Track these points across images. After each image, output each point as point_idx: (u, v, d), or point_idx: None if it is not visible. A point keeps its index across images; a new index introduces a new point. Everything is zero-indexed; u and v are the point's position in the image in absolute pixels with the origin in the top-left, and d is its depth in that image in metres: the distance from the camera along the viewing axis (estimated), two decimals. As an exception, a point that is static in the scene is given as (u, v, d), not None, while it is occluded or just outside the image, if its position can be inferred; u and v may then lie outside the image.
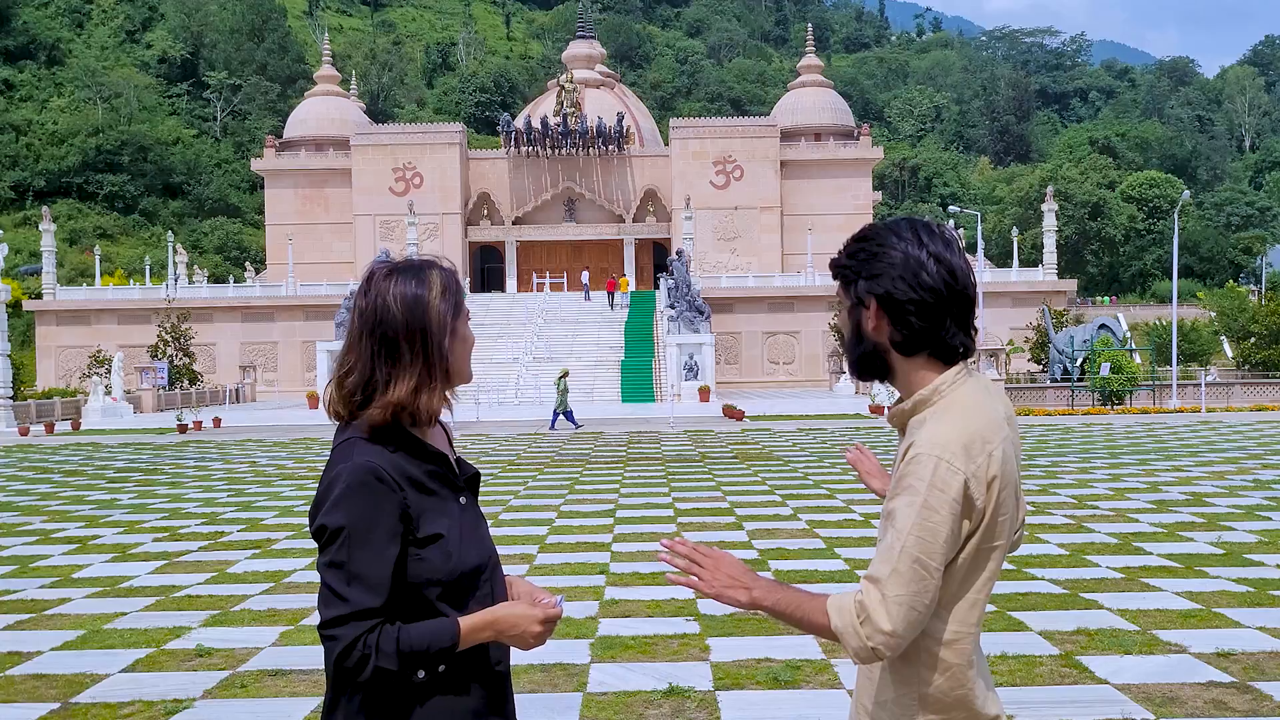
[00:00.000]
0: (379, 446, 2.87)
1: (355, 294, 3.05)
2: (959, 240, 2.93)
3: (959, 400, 2.78)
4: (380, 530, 2.79)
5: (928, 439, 2.72)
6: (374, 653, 2.73)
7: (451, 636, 2.81)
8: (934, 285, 2.75)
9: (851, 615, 2.68)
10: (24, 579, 12.82)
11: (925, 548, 2.66)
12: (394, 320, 2.91)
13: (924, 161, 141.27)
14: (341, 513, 2.79)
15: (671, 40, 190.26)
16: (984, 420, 2.76)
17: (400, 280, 2.94)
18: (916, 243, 2.79)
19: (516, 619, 2.89)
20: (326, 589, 2.79)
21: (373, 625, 2.75)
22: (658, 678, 8.21)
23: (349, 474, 2.82)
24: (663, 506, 17.83)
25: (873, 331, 2.85)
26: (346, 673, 2.77)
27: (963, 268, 2.80)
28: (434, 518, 2.88)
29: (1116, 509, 16.98)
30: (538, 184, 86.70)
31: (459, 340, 2.99)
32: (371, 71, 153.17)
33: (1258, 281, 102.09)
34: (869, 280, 2.82)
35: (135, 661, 9.01)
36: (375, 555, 2.78)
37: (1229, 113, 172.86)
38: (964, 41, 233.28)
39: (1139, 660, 8.53)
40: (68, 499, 20.60)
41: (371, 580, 2.76)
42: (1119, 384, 44.10)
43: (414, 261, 3.03)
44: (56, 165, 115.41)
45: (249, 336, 72.27)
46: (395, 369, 2.90)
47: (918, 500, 2.67)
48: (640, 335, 63.36)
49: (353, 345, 2.94)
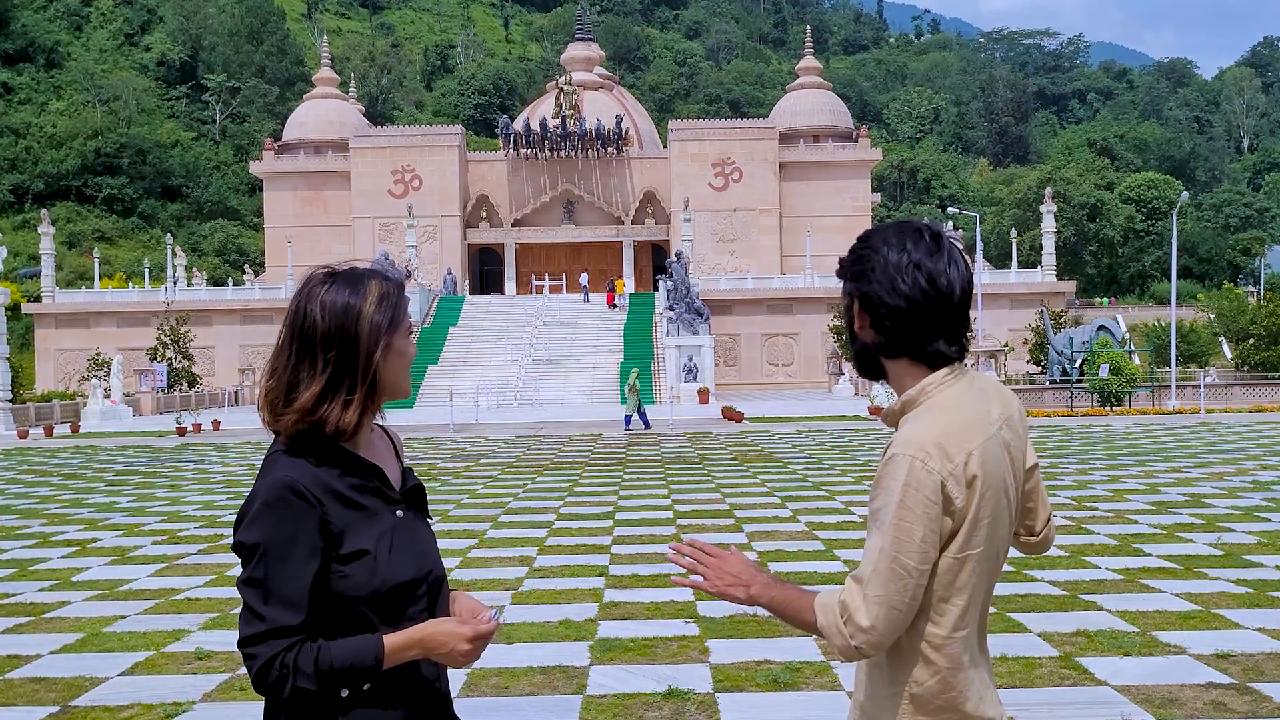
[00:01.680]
0: (301, 460, 2.81)
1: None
2: (956, 246, 2.91)
3: (941, 401, 2.79)
4: (297, 547, 2.73)
5: (904, 439, 2.74)
6: (291, 672, 2.69)
7: (375, 655, 2.75)
8: (909, 294, 2.76)
9: (835, 614, 2.71)
10: (23, 582, 12.82)
11: (902, 547, 2.67)
12: (315, 327, 2.84)
13: (923, 163, 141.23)
14: (258, 529, 2.74)
15: (670, 42, 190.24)
16: (965, 420, 2.76)
17: (334, 288, 2.87)
18: (900, 248, 2.79)
19: (445, 637, 2.81)
20: (245, 607, 2.75)
21: (291, 644, 2.70)
22: (657, 680, 8.20)
23: (265, 490, 2.77)
24: (662, 509, 17.82)
25: (859, 331, 2.89)
26: (267, 691, 2.73)
27: (951, 275, 2.79)
28: (359, 533, 2.81)
29: (1116, 510, 16.98)
30: (536, 186, 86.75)
31: (394, 354, 2.89)
32: (370, 74, 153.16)
33: (1256, 283, 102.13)
34: (855, 281, 2.86)
35: (135, 664, 9.01)
36: (292, 572, 2.72)
37: (1227, 114, 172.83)
38: (962, 43, 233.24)
39: (1138, 662, 8.53)
40: (67, 502, 20.60)
41: (288, 597, 2.71)
42: (1118, 385, 44.11)
43: (357, 270, 2.94)
44: (55, 168, 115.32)
45: (248, 339, 72.23)
46: (310, 376, 2.84)
47: (894, 500, 2.68)
48: (639, 337, 63.35)
49: (280, 350, 2.89)
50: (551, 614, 10.39)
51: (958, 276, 2.81)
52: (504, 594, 11.36)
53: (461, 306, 69.12)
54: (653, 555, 13.44)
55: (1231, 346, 67.71)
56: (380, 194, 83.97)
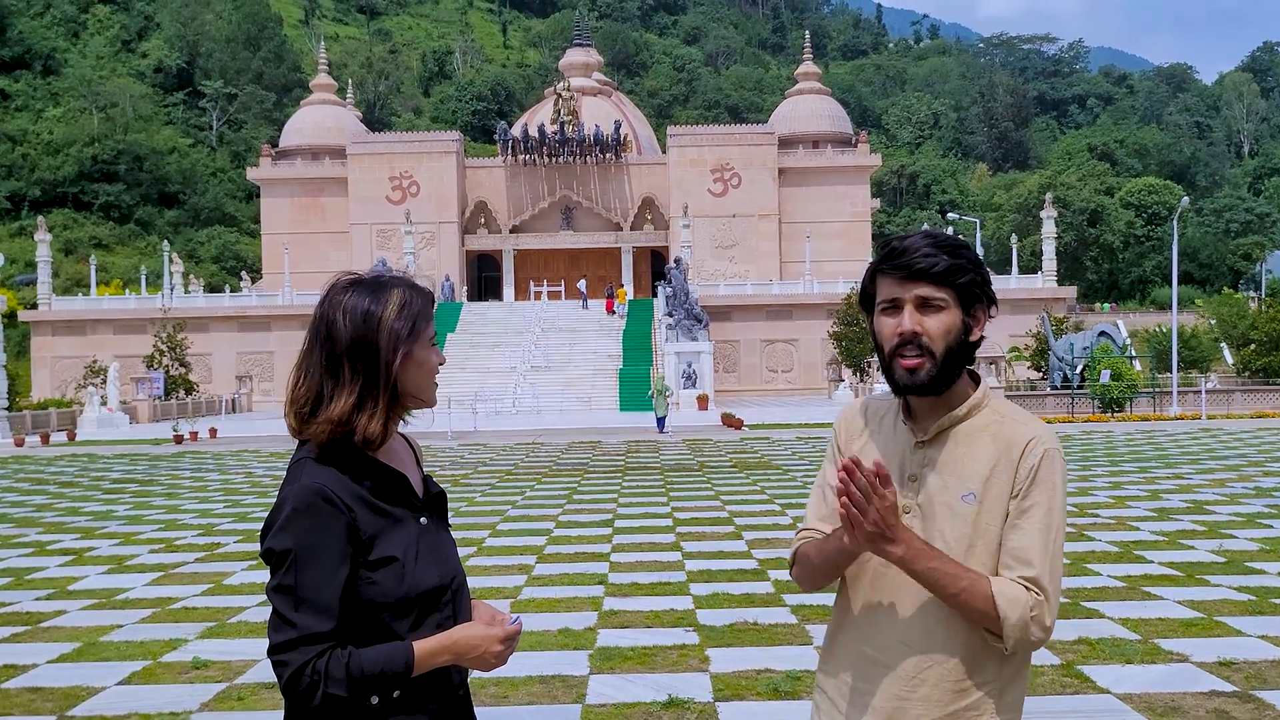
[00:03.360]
0: (328, 467, 2.82)
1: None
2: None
3: (1002, 402, 3.02)
4: (328, 553, 2.74)
5: (1040, 433, 2.89)
6: (324, 679, 2.68)
7: (405, 662, 2.75)
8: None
9: (1025, 609, 2.73)
10: (20, 591, 12.76)
11: (1061, 541, 2.86)
12: (340, 334, 2.84)
13: (922, 168, 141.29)
14: (288, 536, 2.74)
15: (669, 48, 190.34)
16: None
17: (356, 294, 2.88)
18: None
19: (476, 640, 2.84)
20: (275, 613, 2.75)
21: (322, 650, 2.70)
22: (657, 689, 8.15)
23: (295, 496, 2.78)
24: (661, 516, 17.77)
25: (977, 333, 3.02)
26: (298, 699, 2.72)
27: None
28: (388, 539, 2.83)
29: (1117, 517, 16.94)
30: (535, 192, 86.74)
31: (413, 363, 2.90)
32: (368, 80, 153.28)
33: (1257, 288, 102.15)
34: (985, 286, 3.00)
35: (131, 674, 8.96)
36: (323, 579, 2.73)
37: (1227, 119, 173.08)
38: (961, 48, 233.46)
39: (1141, 669, 8.49)
40: (63, 510, 20.54)
41: (320, 604, 2.72)
42: (1119, 391, 44.06)
43: (381, 277, 2.95)
44: (52, 175, 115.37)
45: (245, 346, 72.15)
46: (337, 385, 2.84)
47: (1060, 497, 2.85)
48: (638, 344, 63.30)
49: (305, 356, 2.90)
50: (550, 622, 10.34)
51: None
52: (503, 602, 11.30)
53: (460, 313, 69.06)
54: (652, 563, 13.40)
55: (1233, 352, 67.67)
56: (378, 200, 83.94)
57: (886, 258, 2.92)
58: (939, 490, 2.88)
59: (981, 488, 2.85)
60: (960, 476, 2.87)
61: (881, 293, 2.92)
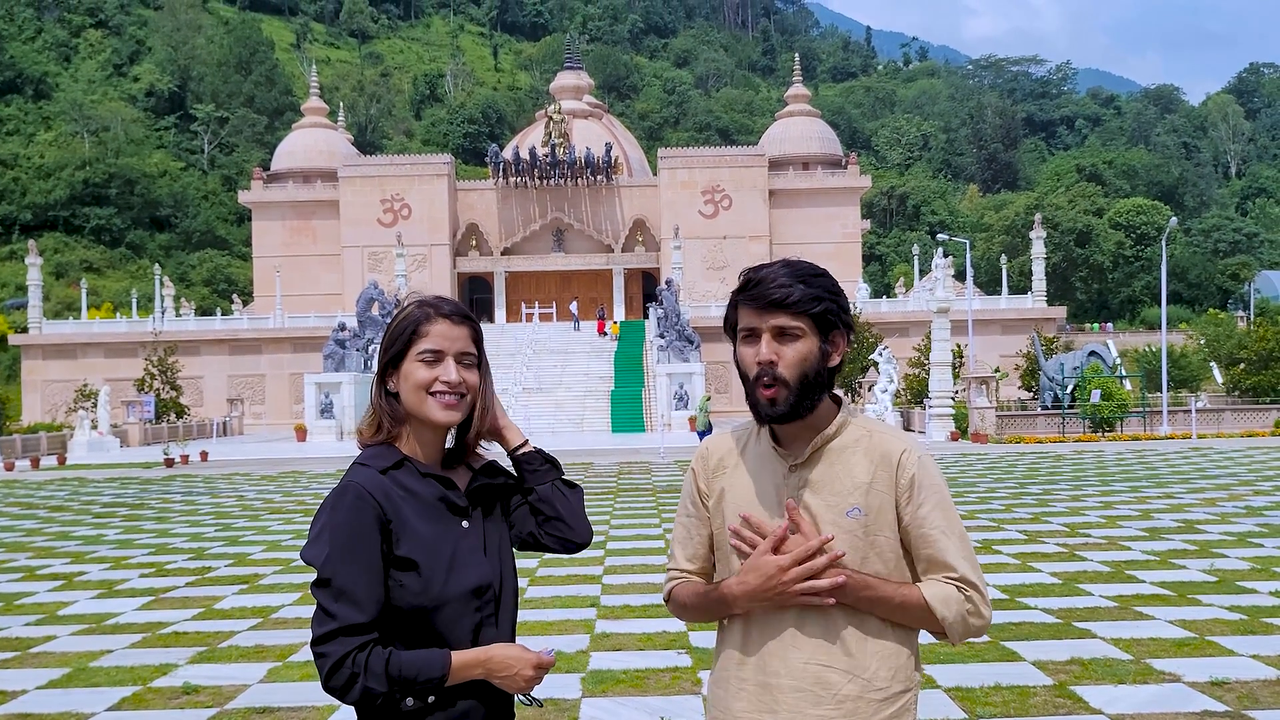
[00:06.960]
0: (369, 468, 2.92)
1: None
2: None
3: (865, 418, 3.12)
4: (364, 547, 2.82)
5: (906, 442, 2.99)
6: (363, 672, 2.74)
7: (441, 668, 2.80)
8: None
9: (960, 604, 2.86)
10: (8, 616, 12.70)
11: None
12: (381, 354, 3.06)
13: (912, 190, 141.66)
14: (328, 532, 2.83)
15: (659, 70, 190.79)
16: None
17: (401, 309, 3.06)
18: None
19: (512, 660, 2.89)
20: (317, 608, 2.83)
21: (363, 643, 2.77)
22: (649, 712, 8.13)
23: (335, 494, 2.89)
24: (653, 538, 17.75)
25: (836, 360, 3.07)
26: (336, 692, 2.78)
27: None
28: (414, 541, 2.88)
29: (1109, 537, 16.94)
30: (526, 214, 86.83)
31: (400, 376, 3.00)
32: (359, 103, 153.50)
33: (1246, 307, 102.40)
34: (844, 313, 3.07)
35: (121, 700, 8.92)
36: (361, 572, 2.80)
37: (1214, 140, 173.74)
38: (950, 70, 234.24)
39: (1133, 690, 8.48)
40: (53, 535, 20.46)
41: (358, 596, 2.78)
42: (1110, 411, 44.11)
43: (414, 299, 3.08)
44: (44, 198, 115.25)
45: (236, 369, 72.05)
46: (379, 396, 3.04)
47: (948, 493, 2.98)
48: (630, 365, 63.28)
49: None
50: (542, 646, 10.28)
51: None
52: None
53: (451, 335, 68.86)
54: (644, 586, 13.38)
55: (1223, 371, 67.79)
56: (369, 223, 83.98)
57: (744, 288, 2.96)
58: (822, 510, 2.93)
59: (864, 501, 2.91)
60: (840, 494, 2.93)
61: (741, 321, 2.96)
